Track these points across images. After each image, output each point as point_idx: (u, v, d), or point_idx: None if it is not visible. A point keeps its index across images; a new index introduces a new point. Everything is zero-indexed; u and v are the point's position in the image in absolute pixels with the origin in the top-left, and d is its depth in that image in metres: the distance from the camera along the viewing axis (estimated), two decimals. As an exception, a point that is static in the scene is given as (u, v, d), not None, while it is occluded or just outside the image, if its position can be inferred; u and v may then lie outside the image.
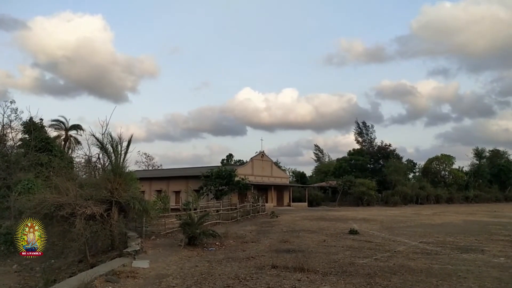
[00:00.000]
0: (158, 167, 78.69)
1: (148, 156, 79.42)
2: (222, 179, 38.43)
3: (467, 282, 9.32)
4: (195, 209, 23.28)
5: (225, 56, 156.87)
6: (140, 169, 70.74)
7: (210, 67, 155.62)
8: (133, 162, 59.99)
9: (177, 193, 46.86)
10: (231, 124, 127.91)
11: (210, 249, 14.61)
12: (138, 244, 13.64)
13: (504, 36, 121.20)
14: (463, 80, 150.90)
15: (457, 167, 76.86)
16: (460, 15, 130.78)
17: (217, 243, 15.68)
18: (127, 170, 15.29)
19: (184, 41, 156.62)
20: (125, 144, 15.12)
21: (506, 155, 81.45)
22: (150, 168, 77.79)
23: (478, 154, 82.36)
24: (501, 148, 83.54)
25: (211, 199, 37.92)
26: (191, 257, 13.00)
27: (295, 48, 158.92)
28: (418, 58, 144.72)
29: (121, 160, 14.86)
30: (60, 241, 14.17)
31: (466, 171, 77.96)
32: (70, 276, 10.88)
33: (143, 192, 40.37)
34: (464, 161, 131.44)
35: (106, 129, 15.82)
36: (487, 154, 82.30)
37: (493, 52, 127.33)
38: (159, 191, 43.50)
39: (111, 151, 14.92)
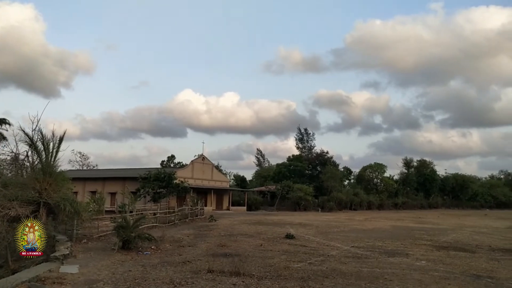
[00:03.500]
0: (93, 167, 75.56)
1: (83, 155, 76.12)
2: (161, 182, 37.64)
3: (392, 284, 9.94)
4: (131, 212, 22.60)
5: (165, 56, 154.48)
6: (73, 168, 67.50)
7: (149, 66, 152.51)
8: (66, 161, 57.13)
9: (113, 194, 45.13)
10: (170, 125, 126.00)
11: (145, 253, 14.22)
12: (67, 248, 12.94)
13: (427, 55, 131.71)
14: (393, 94, 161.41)
15: (388, 175, 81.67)
16: (389, 33, 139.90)
17: (152, 247, 15.31)
18: (58, 169, 14.64)
19: (122, 38, 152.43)
20: (57, 141, 14.39)
21: (431, 165, 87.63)
22: (85, 168, 74.39)
23: (407, 163, 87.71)
24: (427, 159, 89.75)
25: (149, 201, 37.00)
26: (124, 261, 12.57)
27: (236, 53, 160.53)
28: (352, 70, 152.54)
29: (52, 159, 14.17)
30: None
31: (396, 179, 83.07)
32: (-12, 283, 10.08)
33: (76, 193, 38.40)
34: (394, 170, 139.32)
35: (37, 125, 14.89)
36: (415, 163, 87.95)
37: (418, 69, 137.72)
38: (93, 192, 41.56)
39: (42, 148, 14.12)
